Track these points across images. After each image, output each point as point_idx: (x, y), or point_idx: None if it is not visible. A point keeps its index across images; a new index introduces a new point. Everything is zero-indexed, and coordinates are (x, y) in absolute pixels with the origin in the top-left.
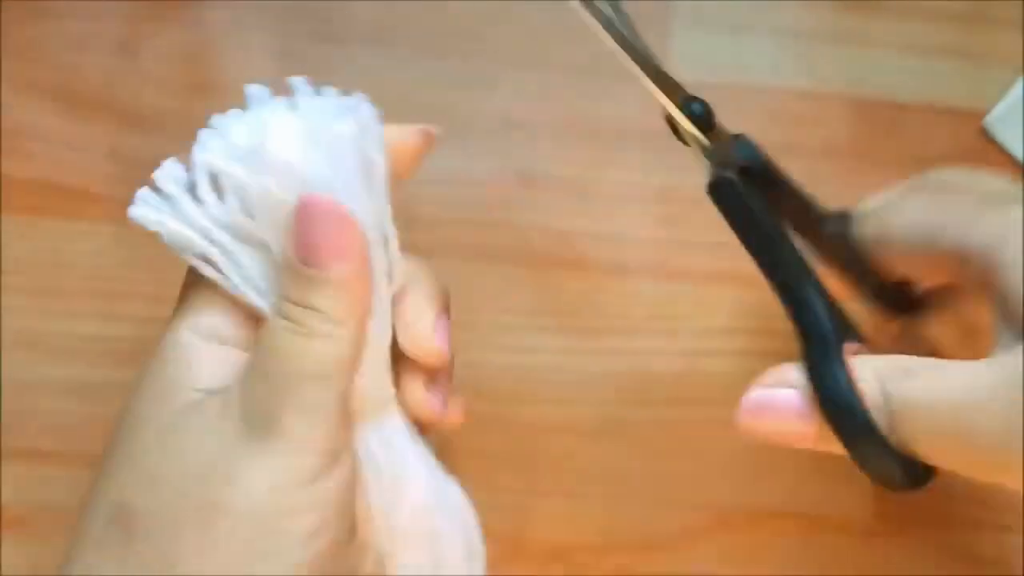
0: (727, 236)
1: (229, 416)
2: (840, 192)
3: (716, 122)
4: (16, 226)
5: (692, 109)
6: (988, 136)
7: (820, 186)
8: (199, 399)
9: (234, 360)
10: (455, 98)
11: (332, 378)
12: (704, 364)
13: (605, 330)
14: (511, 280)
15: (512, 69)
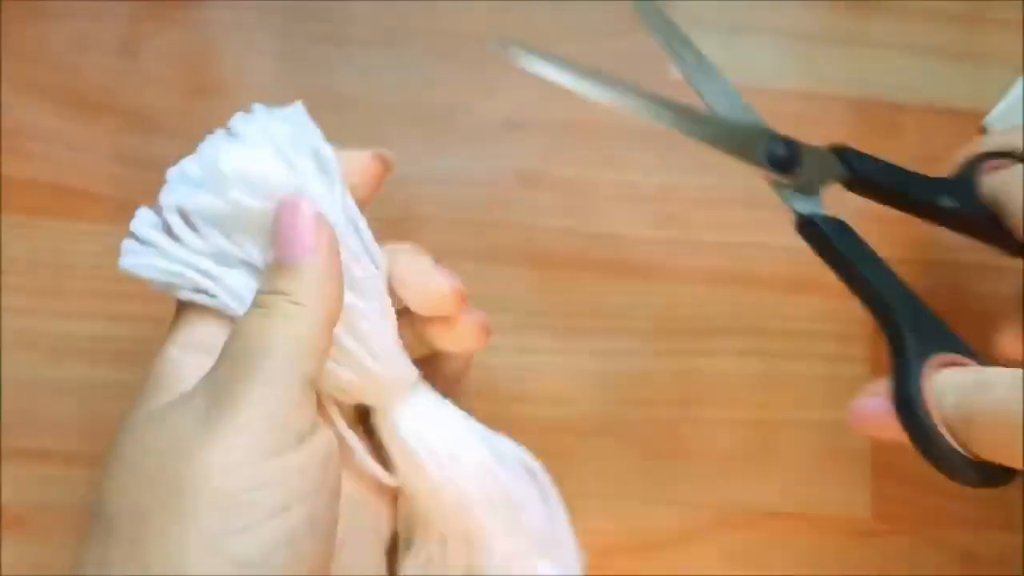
0: (727, 236)
1: (195, 403)
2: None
3: (802, 154)
4: (16, 226)
5: (776, 152)
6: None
7: None
8: (175, 399)
9: None
10: (455, 98)
11: (292, 355)
12: (704, 364)
13: (605, 330)
14: (511, 280)
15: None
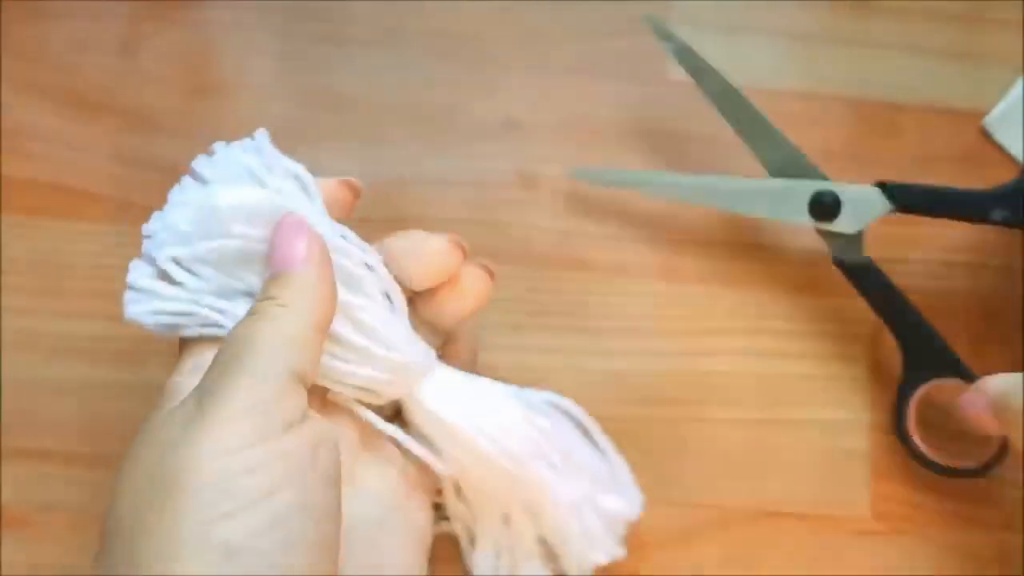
0: (727, 236)
1: (186, 405)
2: None
3: (843, 200)
4: (16, 226)
5: (820, 204)
6: (988, 136)
7: None
8: (173, 406)
9: None
10: (455, 98)
11: (276, 350)
12: (704, 364)
13: (605, 330)
14: (511, 280)
15: (512, 69)
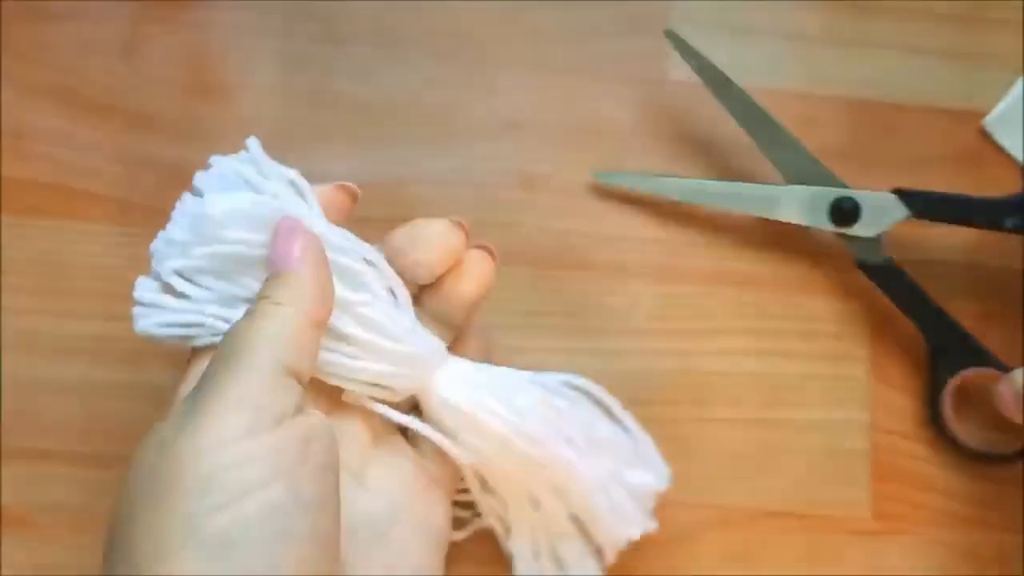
0: (727, 236)
1: (181, 406)
2: None
3: (862, 205)
4: (16, 226)
5: (839, 210)
6: (987, 137)
7: None
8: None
9: None
10: (456, 98)
11: (267, 345)
12: (704, 364)
13: (605, 330)
14: (511, 280)
15: (512, 69)
